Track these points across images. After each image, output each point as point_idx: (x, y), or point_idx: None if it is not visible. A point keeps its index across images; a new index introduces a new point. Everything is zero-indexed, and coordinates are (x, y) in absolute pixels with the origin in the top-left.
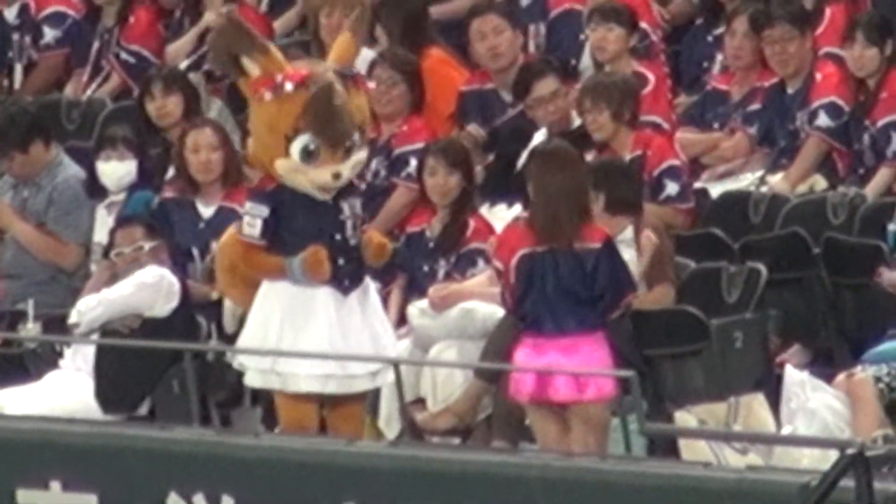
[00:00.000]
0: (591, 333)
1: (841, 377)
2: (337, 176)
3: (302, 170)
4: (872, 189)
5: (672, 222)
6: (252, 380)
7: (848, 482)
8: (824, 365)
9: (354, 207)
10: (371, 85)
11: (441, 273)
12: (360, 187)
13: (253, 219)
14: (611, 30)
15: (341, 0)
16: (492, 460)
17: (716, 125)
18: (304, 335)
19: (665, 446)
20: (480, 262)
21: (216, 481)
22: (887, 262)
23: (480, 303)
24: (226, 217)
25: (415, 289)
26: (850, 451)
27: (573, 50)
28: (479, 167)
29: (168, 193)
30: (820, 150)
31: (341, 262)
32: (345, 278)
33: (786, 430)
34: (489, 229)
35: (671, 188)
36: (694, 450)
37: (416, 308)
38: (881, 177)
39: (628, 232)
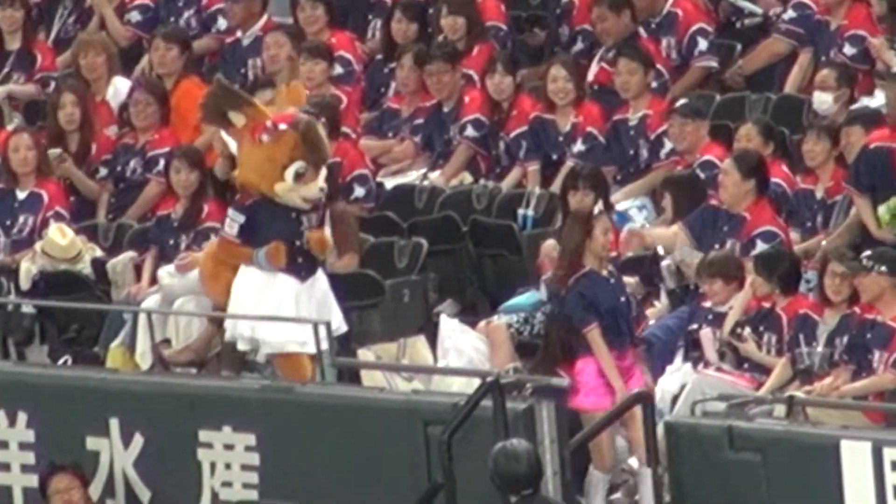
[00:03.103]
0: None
1: (482, 324)
2: (322, 189)
3: (295, 189)
4: (507, 183)
5: (358, 214)
6: (241, 345)
7: (487, 403)
8: (470, 315)
9: (311, 220)
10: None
11: (183, 245)
12: (319, 204)
13: (232, 223)
14: (318, 63)
15: (92, 46)
16: (222, 384)
17: (390, 135)
18: (274, 309)
19: (350, 375)
20: (213, 237)
21: (14, 402)
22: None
23: None
24: (34, 199)
25: (163, 257)
26: (489, 379)
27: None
28: None
29: None
30: (468, 154)
31: (300, 260)
32: (302, 270)
33: (441, 363)
34: (220, 212)
35: (359, 191)
36: (372, 378)
37: (165, 272)
38: (513, 175)
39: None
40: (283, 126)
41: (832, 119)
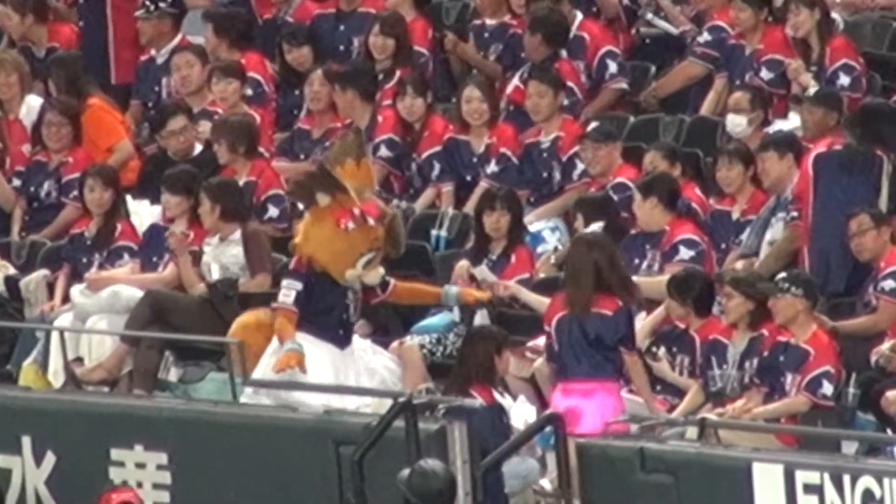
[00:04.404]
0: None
1: (395, 344)
2: (382, 276)
3: (362, 274)
4: (420, 204)
5: (272, 234)
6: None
7: (399, 423)
8: (383, 335)
9: (357, 293)
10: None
11: (96, 264)
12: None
13: (289, 290)
14: (230, 83)
15: (3, 66)
16: (133, 403)
17: (302, 156)
18: (313, 375)
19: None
20: (126, 256)
21: None
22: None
23: (125, 286)
24: None
25: (76, 276)
26: (401, 399)
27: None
28: None
29: None
30: (381, 174)
31: (341, 332)
32: (343, 340)
33: (353, 383)
34: (133, 231)
35: (273, 211)
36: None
37: (77, 290)
38: (426, 195)
39: (237, 234)
40: (372, 221)
41: (745, 142)
